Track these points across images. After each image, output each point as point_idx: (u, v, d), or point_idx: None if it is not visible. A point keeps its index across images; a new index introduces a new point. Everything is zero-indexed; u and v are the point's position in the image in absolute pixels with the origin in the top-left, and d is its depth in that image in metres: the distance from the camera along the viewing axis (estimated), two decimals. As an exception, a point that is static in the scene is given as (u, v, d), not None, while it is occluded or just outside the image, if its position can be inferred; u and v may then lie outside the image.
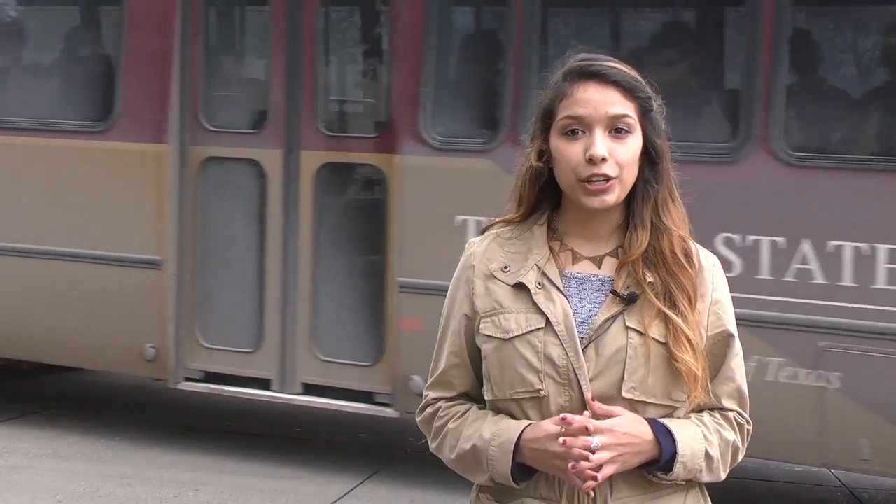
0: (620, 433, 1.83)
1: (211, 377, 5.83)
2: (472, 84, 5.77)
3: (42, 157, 6.01)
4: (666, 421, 1.88)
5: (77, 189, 5.94)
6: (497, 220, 2.06)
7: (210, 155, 5.79)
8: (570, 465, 1.81)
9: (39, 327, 6.01)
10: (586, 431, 1.80)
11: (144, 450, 5.89)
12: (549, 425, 1.84)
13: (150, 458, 5.76)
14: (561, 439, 1.81)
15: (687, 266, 1.93)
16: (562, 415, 1.83)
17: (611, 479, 1.87)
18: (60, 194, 5.96)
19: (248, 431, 6.35)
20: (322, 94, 5.79)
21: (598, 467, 1.80)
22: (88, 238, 5.87)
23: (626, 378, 1.86)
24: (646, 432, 1.85)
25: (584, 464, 1.80)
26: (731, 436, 1.96)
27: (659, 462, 1.86)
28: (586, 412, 1.84)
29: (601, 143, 1.86)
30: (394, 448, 6.10)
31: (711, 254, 2.02)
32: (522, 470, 1.89)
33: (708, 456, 1.90)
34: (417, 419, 2.07)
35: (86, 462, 5.65)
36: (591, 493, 1.85)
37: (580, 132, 1.89)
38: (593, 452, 1.80)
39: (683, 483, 1.93)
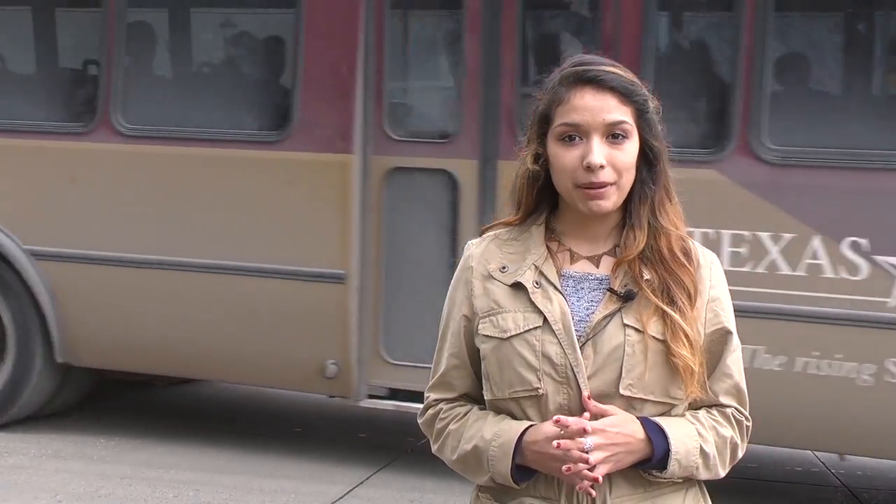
0: (613, 433, 1.83)
1: (395, 394, 5.64)
2: (697, 92, 5.51)
3: (214, 168, 5.73)
4: (658, 419, 1.89)
5: (252, 201, 5.65)
6: (495, 222, 2.07)
7: (395, 165, 5.54)
8: (564, 467, 1.82)
9: (213, 345, 5.75)
10: (582, 433, 1.81)
11: (144, 450, 5.89)
12: (549, 427, 1.85)
13: (150, 458, 5.76)
14: (555, 442, 1.82)
15: (686, 263, 1.94)
16: (555, 417, 1.83)
17: (609, 478, 1.88)
18: (234, 206, 5.67)
19: (248, 431, 6.35)
20: (521, 101, 5.45)
21: (592, 468, 1.81)
22: (265, 252, 5.60)
23: (623, 375, 1.87)
24: (637, 431, 1.86)
25: (579, 465, 1.81)
26: (729, 432, 1.96)
27: (652, 460, 1.87)
28: (586, 413, 1.84)
29: (598, 151, 1.87)
30: (394, 448, 6.10)
31: (710, 251, 2.03)
32: (522, 470, 1.90)
33: (703, 453, 1.91)
34: (419, 421, 2.08)
35: (86, 462, 5.65)
36: (592, 493, 1.86)
37: (577, 138, 1.89)
38: (587, 453, 1.81)
39: (682, 481, 1.94)
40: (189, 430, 6.30)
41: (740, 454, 2.00)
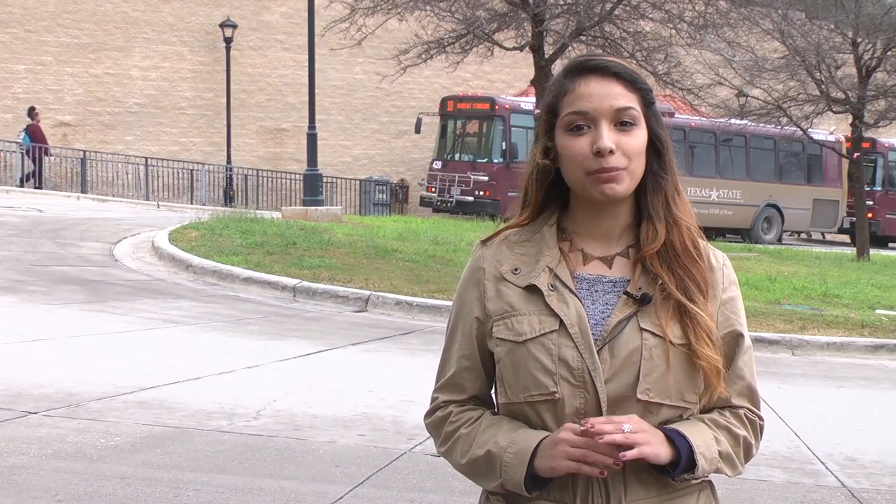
0: (639, 419, 1.85)
1: None
2: None
3: None
4: (672, 425, 1.89)
5: None
6: (503, 226, 2.05)
7: None
8: (620, 455, 1.81)
9: None
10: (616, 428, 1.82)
11: (144, 450, 5.89)
12: (564, 447, 1.84)
13: (150, 458, 5.75)
14: (589, 422, 1.81)
15: (697, 258, 1.93)
16: (583, 421, 1.83)
17: (624, 481, 1.87)
18: None
19: (248, 431, 6.34)
20: None
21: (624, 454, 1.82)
22: None
23: (640, 379, 1.86)
24: (657, 432, 1.87)
25: (616, 438, 1.80)
26: (742, 432, 1.96)
27: (681, 463, 1.86)
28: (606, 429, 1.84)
29: (608, 135, 1.86)
30: (394, 448, 6.10)
31: (721, 252, 2.02)
32: (535, 480, 1.89)
33: (720, 451, 1.91)
34: (426, 422, 2.06)
35: (86, 462, 5.64)
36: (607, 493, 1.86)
37: (585, 127, 1.88)
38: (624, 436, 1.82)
39: (696, 483, 1.93)
40: (189, 430, 6.29)
41: (755, 452, 2.01)
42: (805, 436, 6.90)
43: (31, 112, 26.81)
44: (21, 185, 25.94)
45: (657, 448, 1.83)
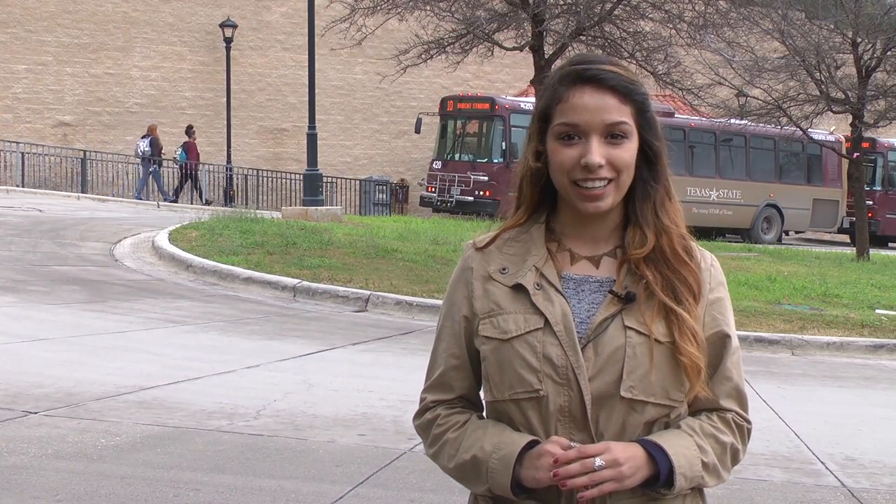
0: (619, 448, 1.84)
1: None
2: None
3: None
4: (656, 439, 1.88)
5: None
6: (502, 228, 2.05)
7: None
8: (578, 495, 1.83)
9: None
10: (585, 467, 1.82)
11: (144, 450, 5.89)
12: (549, 460, 1.84)
13: (150, 457, 5.76)
14: (557, 470, 1.82)
15: (688, 261, 1.93)
16: (553, 471, 1.83)
17: None
18: None
19: (248, 431, 6.34)
20: None
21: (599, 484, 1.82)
22: None
23: (624, 377, 1.86)
24: (638, 451, 1.86)
25: (582, 480, 1.81)
26: (729, 438, 1.95)
27: (660, 479, 1.86)
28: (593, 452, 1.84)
29: (597, 151, 1.86)
30: (394, 448, 6.10)
31: (709, 253, 2.02)
32: (522, 485, 1.90)
33: (704, 464, 1.90)
34: (415, 423, 2.06)
35: (86, 462, 5.65)
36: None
37: (576, 137, 1.89)
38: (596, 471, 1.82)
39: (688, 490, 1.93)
40: (189, 430, 6.30)
41: (741, 458, 2.00)
42: (805, 436, 6.91)
43: (189, 130, 27.96)
44: (175, 200, 27.03)
45: (627, 481, 1.84)
